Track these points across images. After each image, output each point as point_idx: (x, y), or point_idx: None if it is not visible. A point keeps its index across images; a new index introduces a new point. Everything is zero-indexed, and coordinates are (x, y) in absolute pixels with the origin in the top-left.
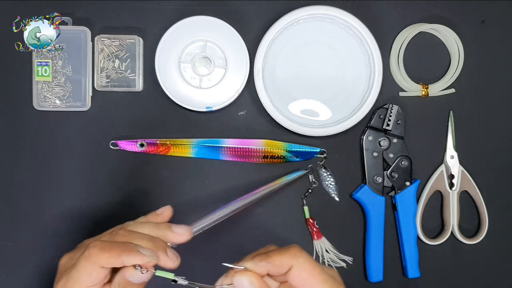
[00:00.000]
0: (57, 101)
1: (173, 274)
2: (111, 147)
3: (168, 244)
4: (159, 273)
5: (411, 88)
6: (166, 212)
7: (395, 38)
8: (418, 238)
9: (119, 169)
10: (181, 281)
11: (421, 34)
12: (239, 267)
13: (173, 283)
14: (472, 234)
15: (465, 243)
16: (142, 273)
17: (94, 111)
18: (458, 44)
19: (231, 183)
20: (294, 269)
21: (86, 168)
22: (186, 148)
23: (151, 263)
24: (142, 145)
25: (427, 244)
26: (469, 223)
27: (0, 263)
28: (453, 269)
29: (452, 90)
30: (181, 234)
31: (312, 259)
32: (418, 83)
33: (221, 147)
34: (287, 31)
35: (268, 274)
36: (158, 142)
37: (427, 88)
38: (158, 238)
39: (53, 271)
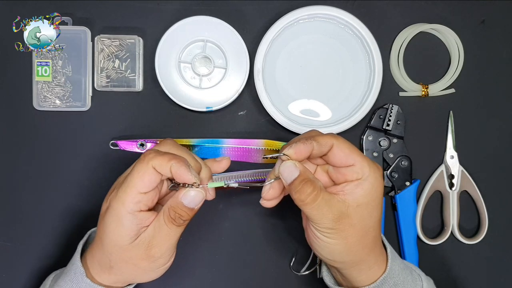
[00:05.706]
0: (57, 101)
1: (223, 182)
2: (111, 147)
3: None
4: (211, 184)
5: (411, 88)
6: (224, 160)
7: (395, 38)
8: (418, 238)
9: (119, 169)
10: (232, 184)
11: (421, 34)
12: (279, 154)
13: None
14: (472, 234)
15: (465, 243)
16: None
17: (94, 111)
18: (458, 44)
19: None
20: (335, 147)
21: (86, 168)
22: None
23: (192, 181)
24: (142, 145)
25: (427, 244)
26: (469, 223)
27: (0, 263)
28: (453, 269)
29: (452, 90)
30: (222, 162)
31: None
32: (418, 83)
33: (221, 147)
34: (287, 31)
35: (308, 160)
36: (158, 142)
37: (427, 88)
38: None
39: (53, 271)
